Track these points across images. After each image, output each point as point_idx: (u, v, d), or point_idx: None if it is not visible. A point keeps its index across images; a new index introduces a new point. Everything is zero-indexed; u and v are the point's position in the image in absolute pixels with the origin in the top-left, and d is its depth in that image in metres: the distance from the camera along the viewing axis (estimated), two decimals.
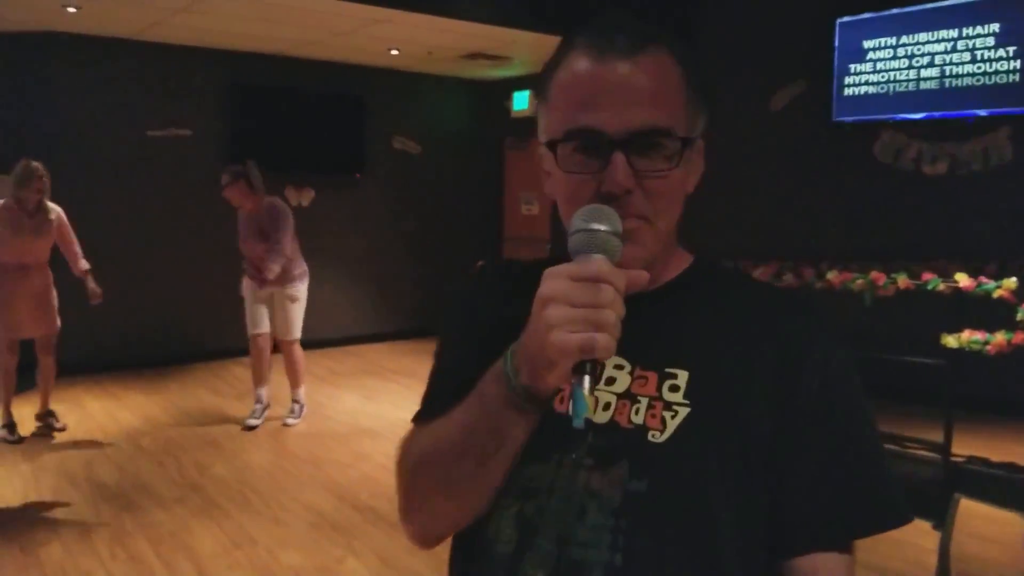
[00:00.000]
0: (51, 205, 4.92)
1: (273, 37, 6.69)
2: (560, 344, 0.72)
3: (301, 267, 5.28)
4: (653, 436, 0.85)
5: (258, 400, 5.36)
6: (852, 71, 5.87)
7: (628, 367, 0.88)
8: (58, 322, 5.03)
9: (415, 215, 8.49)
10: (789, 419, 0.84)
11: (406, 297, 8.34)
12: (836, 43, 5.94)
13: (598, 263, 0.74)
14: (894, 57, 5.68)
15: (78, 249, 5.03)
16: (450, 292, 1.07)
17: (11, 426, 4.95)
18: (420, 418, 0.99)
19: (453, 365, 0.99)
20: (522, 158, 8.65)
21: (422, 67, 8.03)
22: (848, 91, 5.90)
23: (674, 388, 0.86)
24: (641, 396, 0.87)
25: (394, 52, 7.28)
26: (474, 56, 7.38)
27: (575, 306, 0.72)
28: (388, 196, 8.35)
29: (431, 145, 8.63)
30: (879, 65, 5.75)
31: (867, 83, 5.81)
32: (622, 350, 0.76)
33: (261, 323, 5.25)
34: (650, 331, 0.88)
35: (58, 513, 3.98)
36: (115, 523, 3.86)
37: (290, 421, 5.37)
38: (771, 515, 0.84)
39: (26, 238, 4.79)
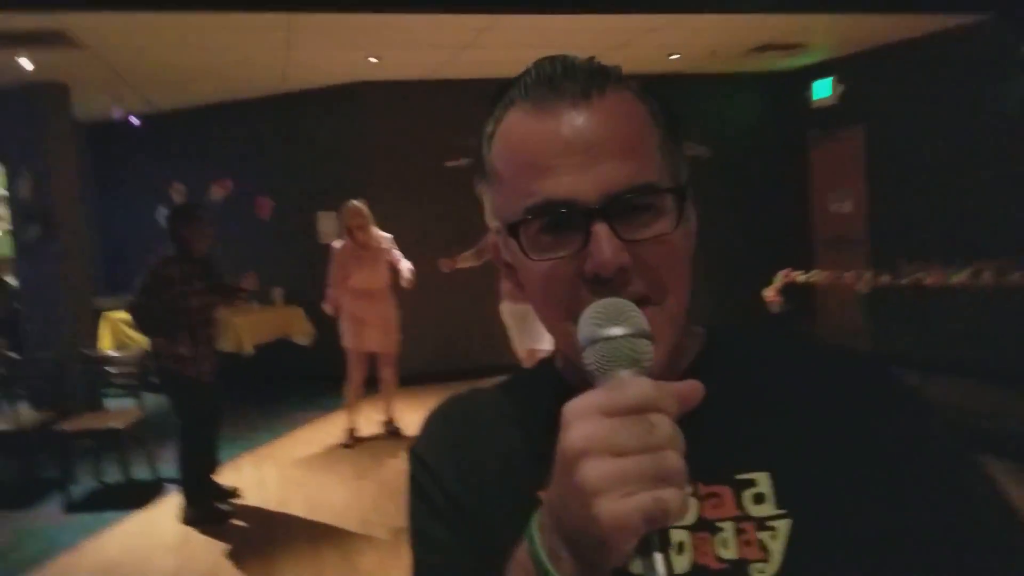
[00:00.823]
0: (381, 234, 5.52)
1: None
2: (615, 517, 0.50)
3: None
4: (760, 570, 0.65)
5: None
6: None
7: (701, 484, 0.68)
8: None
9: (713, 222, 8.12)
10: (907, 506, 0.65)
11: (707, 309, 8.00)
12: None
13: (637, 385, 0.54)
14: None
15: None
16: (413, 459, 0.80)
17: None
18: None
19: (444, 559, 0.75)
20: (829, 151, 7.91)
21: (706, 67, 7.68)
22: None
23: (759, 498, 0.67)
24: (720, 521, 0.67)
25: (674, 57, 7.05)
26: (764, 48, 6.89)
27: (623, 455, 0.51)
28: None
29: (724, 148, 8.22)
30: None
31: None
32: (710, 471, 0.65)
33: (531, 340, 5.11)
34: (694, 436, 0.54)
35: (374, 523, 4.32)
36: None
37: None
38: None
39: (364, 269, 5.44)
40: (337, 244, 5.60)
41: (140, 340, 7.17)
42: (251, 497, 4.80)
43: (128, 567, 3.95)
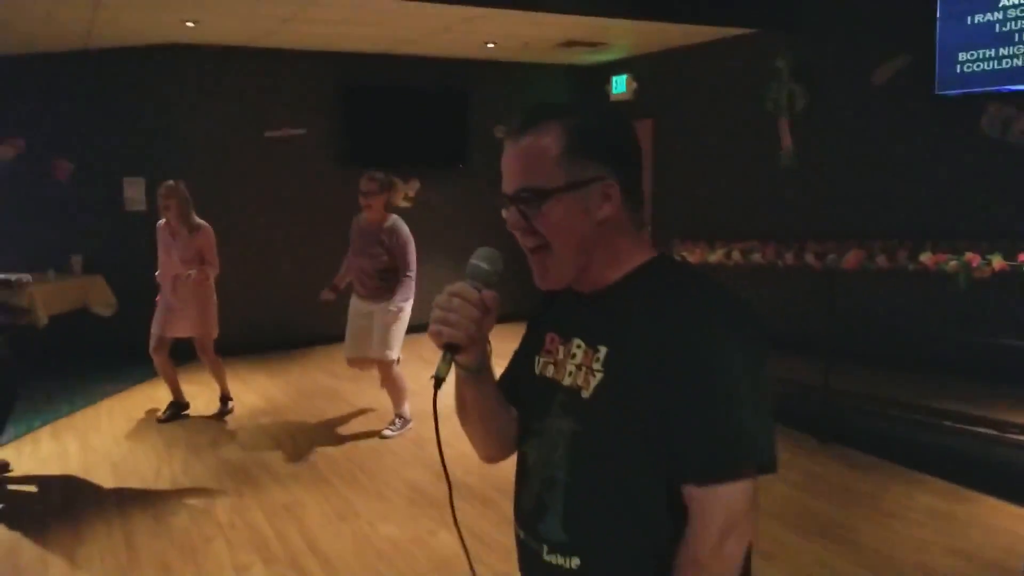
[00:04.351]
0: (197, 220, 5.36)
1: (376, 37, 7.02)
2: (429, 333, 1.21)
3: (411, 286, 5.03)
4: (583, 393, 1.20)
5: (400, 416, 5.23)
6: (957, 42, 5.56)
7: (583, 345, 1.23)
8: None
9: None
10: (666, 384, 1.12)
11: (506, 283, 8.53)
12: (938, 13, 5.64)
13: (459, 284, 1.21)
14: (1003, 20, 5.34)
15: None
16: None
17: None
18: None
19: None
20: None
21: (520, 57, 8.18)
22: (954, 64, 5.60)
23: (597, 360, 1.20)
24: (583, 365, 1.22)
25: (490, 46, 7.47)
26: (570, 44, 7.46)
27: (437, 308, 1.21)
28: (492, 183, 8.58)
29: None
30: (985, 33, 5.42)
31: (973, 57, 5.49)
32: (581, 332, 1.23)
33: (355, 347, 5.14)
34: (594, 318, 1.23)
35: (186, 485, 4.44)
36: (235, 496, 4.28)
37: (387, 432, 5.17)
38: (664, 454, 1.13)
39: (170, 252, 5.34)
40: (161, 223, 5.44)
41: None
42: (53, 468, 4.71)
43: None
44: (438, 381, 1.20)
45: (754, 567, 1.24)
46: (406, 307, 5.00)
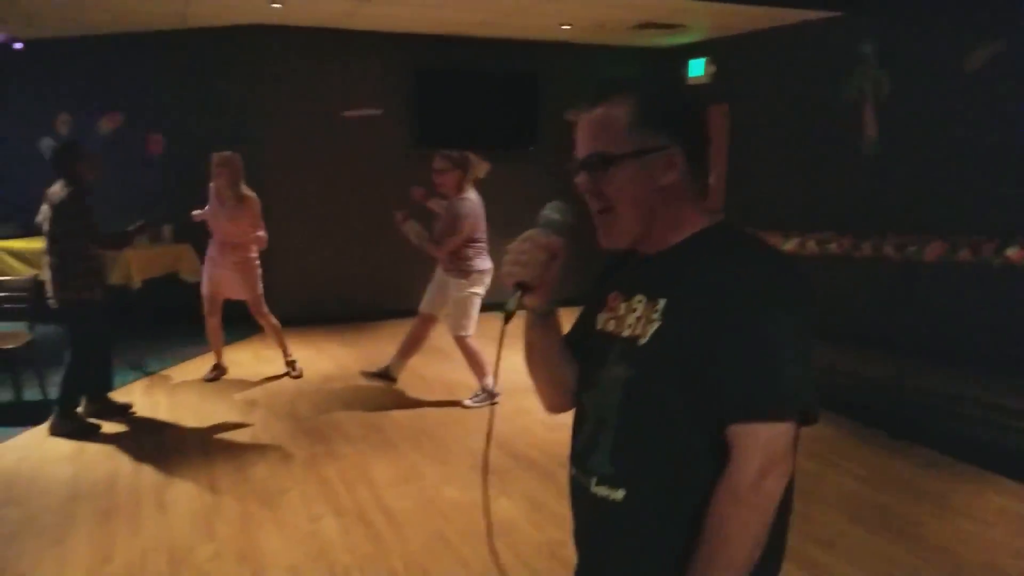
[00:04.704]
0: (246, 192, 5.63)
1: (450, 19, 7.14)
2: (502, 273, 1.38)
3: (481, 266, 5.16)
4: (640, 341, 1.30)
5: (484, 389, 5.35)
6: None
7: (645, 299, 1.33)
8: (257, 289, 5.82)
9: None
10: (718, 330, 1.21)
11: (569, 265, 8.57)
12: None
13: (531, 231, 1.37)
14: None
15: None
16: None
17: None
18: None
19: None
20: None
21: (594, 39, 8.19)
22: None
23: (656, 310, 1.30)
24: (642, 317, 1.32)
25: (564, 27, 7.51)
26: (646, 26, 7.44)
27: (511, 252, 1.37)
28: (562, 167, 8.63)
29: None
30: None
31: None
32: (643, 288, 1.33)
33: (428, 303, 5.37)
34: (656, 275, 1.34)
35: (264, 441, 4.71)
36: (309, 452, 4.51)
37: (467, 403, 5.34)
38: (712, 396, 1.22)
39: (219, 219, 5.61)
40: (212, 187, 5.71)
41: (21, 269, 7.15)
42: (147, 418, 5.05)
43: (26, 475, 4.16)
44: (507, 315, 1.37)
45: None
46: (465, 291, 5.15)
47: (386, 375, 5.54)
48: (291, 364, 6.03)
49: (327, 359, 6.57)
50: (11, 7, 6.64)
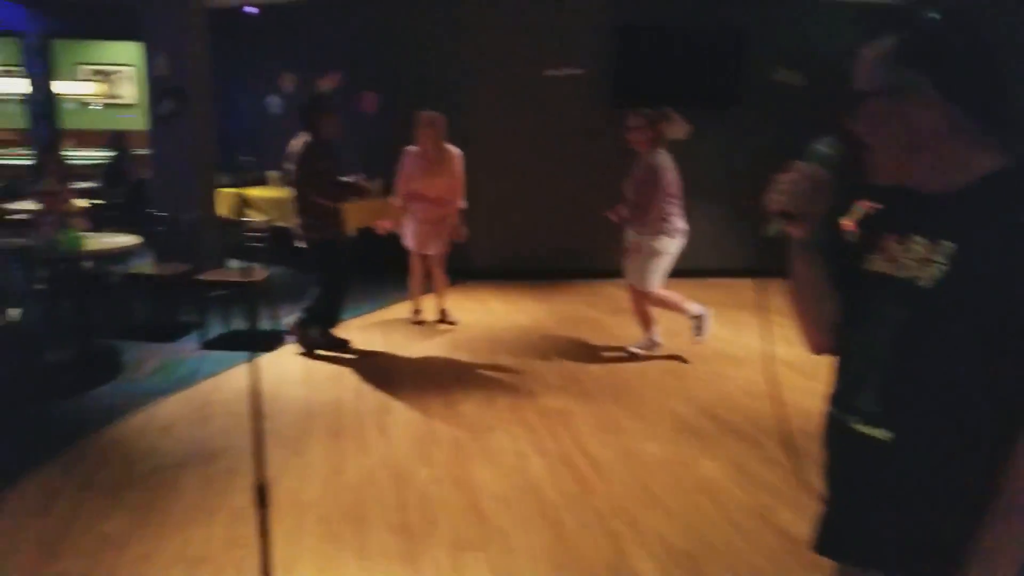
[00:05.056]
0: (450, 148, 5.88)
1: None
2: (767, 201, 1.38)
3: (674, 223, 5.14)
4: (920, 283, 1.26)
5: (649, 339, 5.51)
6: None
7: (924, 240, 1.29)
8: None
9: (794, 150, 8.35)
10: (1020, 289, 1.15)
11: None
12: None
13: (802, 164, 1.36)
14: None
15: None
16: None
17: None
18: None
19: None
20: None
21: None
22: None
23: (939, 253, 1.25)
24: (922, 258, 1.27)
25: None
26: None
27: (778, 182, 1.37)
28: (767, 129, 8.30)
29: (818, 76, 8.34)
30: None
31: None
32: (922, 229, 1.28)
33: (627, 270, 5.39)
34: (939, 216, 1.27)
35: (469, 381, 4.96)
36: (512, 396, 4.71)
37: (633, 349, 5.49)
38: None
39: (425, 177, 5.87)
40: (410, 148, 5.97)
41: (252, 213, 7.90)
42: (364, 353, 5.47)
43: (267, 392, 4.61)
44: (768, 239, 1.41)
45: None
46: (658, 245, 5.15)
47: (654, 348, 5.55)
48: (444, 313, 6.30)
49: (522, 313, 6.77)
50: None
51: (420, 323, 6.25)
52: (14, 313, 5.44)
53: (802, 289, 1.47)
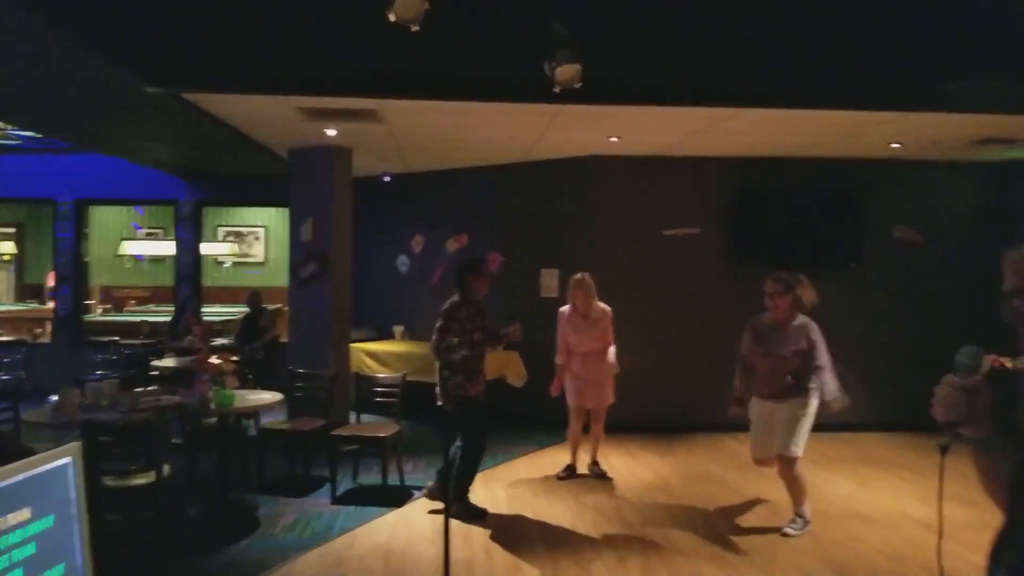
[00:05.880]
0: (601, 305, 6.19)
1: (775, 144, 7.35)
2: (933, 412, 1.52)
3: (814, 381, 5.06)
4: None
5: (800, 515, 5.19)
6: None
7: None
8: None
9: (916, 305, 8.25)
10: None
11: (900, 389, 8.03)
12: None
13: (948, 376, 1.52)
14: None
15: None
16: None
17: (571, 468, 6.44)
18: None
19: None
20: None
21: (925, 155, 7.90)
22: None
23: None
24: None
25: (895, 146, 7.36)
26: (986, 142, 7.06)
27: (935, 394, 1.53)
28: (887, 286, 8.28)
29: (936, 233, 8.34)
30: None
31: None
32: None
33: (763, 447, 5.20)
34: None
35: (599, 540, 4.96)
36: (643, 558, 4.67)
37: (789, 531, 5.10)
38: None
39: (582, 334, 6.15)
40: (563, 309, 6.32)
41: (376, 368, 8.32)
42: (490, 509, 5.55)
43: (399, 550, 4.79)
44: (942, 449, 1.53)
45: None
46: (815, 404, 5.06)
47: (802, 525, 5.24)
48: (596, 464, 6.42)
49: (644, 467, 6.75)
50: (397, 153, 8.06)
51: (565, 478, 6.33)
52: (166, 468, 5.84)
53: (992, 479, 1.52)
